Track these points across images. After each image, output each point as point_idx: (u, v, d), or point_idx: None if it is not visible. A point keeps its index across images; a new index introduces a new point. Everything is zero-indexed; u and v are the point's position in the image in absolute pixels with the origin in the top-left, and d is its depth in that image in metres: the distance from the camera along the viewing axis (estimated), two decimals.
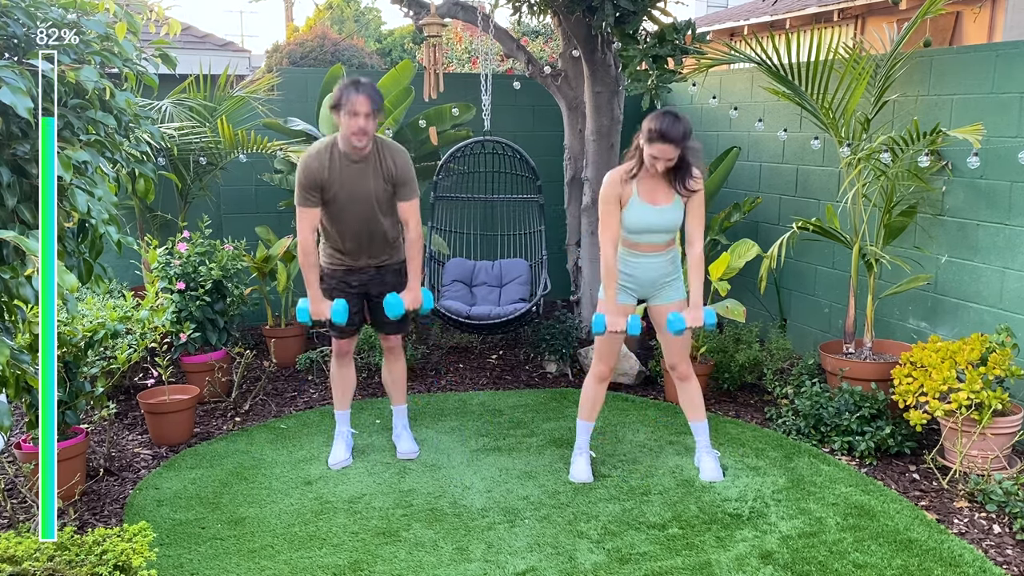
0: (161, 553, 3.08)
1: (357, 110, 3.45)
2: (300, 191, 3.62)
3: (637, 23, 4.69)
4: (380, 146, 3.65)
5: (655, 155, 3.41)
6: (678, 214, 3.59)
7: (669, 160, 3.44)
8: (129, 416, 4.51)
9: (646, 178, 3.54)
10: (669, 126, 3.36)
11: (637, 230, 3.57)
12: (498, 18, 6.87)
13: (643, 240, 3.60)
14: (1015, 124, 4.03)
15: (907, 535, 3.23)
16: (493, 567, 3.04)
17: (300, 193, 3.62)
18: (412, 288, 3.80)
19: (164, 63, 2.86)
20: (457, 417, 4.53)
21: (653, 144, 3.39)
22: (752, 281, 5.28)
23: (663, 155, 3.41)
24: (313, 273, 3.70)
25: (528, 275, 5.49)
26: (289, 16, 20.77)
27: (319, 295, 3.72)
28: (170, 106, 5.22)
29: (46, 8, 2.45)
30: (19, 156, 2.36)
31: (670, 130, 3.35)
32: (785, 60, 4.39)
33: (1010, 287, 4.11)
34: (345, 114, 3.47)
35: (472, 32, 10.68)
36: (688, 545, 3.18)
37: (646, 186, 3.54)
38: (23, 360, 2.38)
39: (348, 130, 3.50)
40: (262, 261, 5.26)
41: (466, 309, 5.05)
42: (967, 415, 3.62)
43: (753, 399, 4.81)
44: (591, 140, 5.42)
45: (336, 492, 3.63)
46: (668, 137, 3.36)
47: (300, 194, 3.62)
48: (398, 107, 5.62)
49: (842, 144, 4.41)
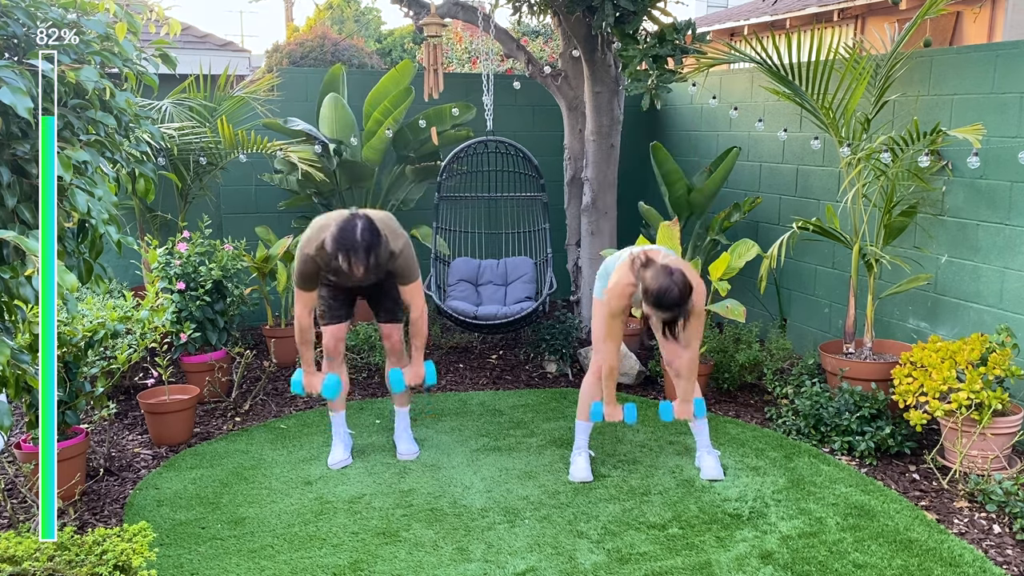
0: (161, 553, 3.08)
1: (352, 266, 3.37)
2: (298, 278, 3.63)
3: (637, 23, 4.69)
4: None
5: (648, 314, 3.42)
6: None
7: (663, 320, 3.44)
8: (129, 416, 4.51)
9: None
10: (664, 294, 3.28)
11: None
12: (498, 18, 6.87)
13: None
14: (1015, 124, 4.03)
15: (907, 535, 3.23)
16: (493, 567, 3.04)
17: (298, 279, 3.63)
18: (415, 364, 3.86)
19: (164, 63, 2.86)
20: (457, 417, 4.53)
21: (648, 305, 3.36)
22: (752, 281, 5.28)
23: (657, 317, 3.41)
24: (308, 349, 3.75)
25: (533, 273, 5.49)
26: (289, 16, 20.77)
27: (312, 369, 3.80)
28: (170, 106, 5.22)
29: (46, 8, 2.45)
30: (19, 156, 2.36)
31: (663, 300, 3.29)
32: (785, 60, 4.39)
33: (1010, 287, 4.11)
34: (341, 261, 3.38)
35: (472, 32, 10.68)
36: (688, 545, 3.18)
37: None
38: (23, 360, 2.37)
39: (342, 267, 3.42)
40: (262, 261, 5.26)
41: (473, 309, 5.05)
42: (967, 415, 3.62)
43: (753, 399, 4.81)
44: (591, 140, 5.42)
45: (336, 492, 3.64)
46: (661, 306, 3.32)
47: (298, 279, 3.63)
48: (398, 107, 5.62)
49: (842, 144, 4.40)
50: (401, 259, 3.62)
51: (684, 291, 3.29)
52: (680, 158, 6.32)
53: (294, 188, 5.75)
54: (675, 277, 3.27)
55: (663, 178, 5.55)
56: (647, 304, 3.35)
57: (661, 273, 3.30)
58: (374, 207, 5.92)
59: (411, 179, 6.06)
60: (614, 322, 3.55)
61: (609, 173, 5.49)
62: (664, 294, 3.26)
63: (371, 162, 5.74)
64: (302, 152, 5.27)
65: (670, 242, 4.70)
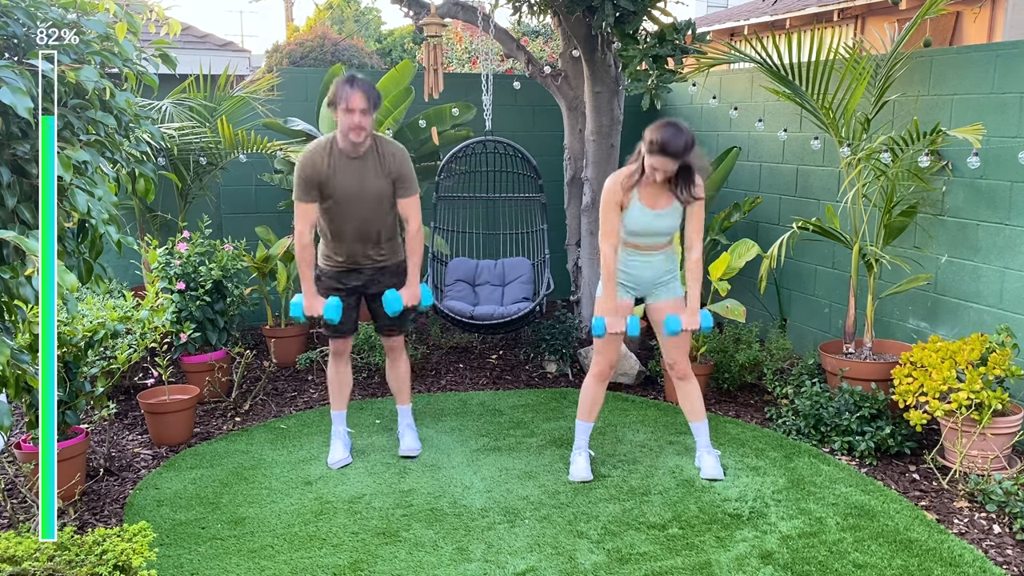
0: (161, 553, 3.08)
1: (352, 106, 3.46)
2: (299, 187, 3.64)
3: (637, 23, 4.69)
4: (378, 143, 3.66)
5: (654, 166, 3.41)
6: (677, 219, 3.62)
7: (668, 172, 3.44)
8: (129, 416, 4.51)
9: (647, 183, 3.54)
10: (670, 139, 3.32)
11: (636, 232, 3.59)
12: (498, 18, 6.87)
13: (642, 242, 3.62)
14: (1015, 124, 4.03)
15: (907, 535, 3.23)
16: (493, 567, 3.04)
17: (299, 189, 3.64)
18: (411, 284, 3.82)
19: (164, 63, 2.86)
20: (457, 417, 4.53)
21: (653, 155, 3.38)
22: (752, 281, 5.28)
23: (662, 167, 3.40)
24: (309, 269, 3.72)
25: (531, 274, 5.49)
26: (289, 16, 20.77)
27: (313, 291, 3.74)
28: (170, 106, 5.22)
29: (46, 8, 2.45)
30: (19, 156, 2.36)
31: (670, 143, 3.32)
32: (785, 60, 4.39)
33: (1010, 287, 4.11)
34: (341, 111, 3.49)
35: (472, 32, 10.68)
36: (688, 545, 3.18)
37: (647, 191, 3.55)
38: (23, 360, 2.37)
39: (345, 126, 3.52)
40: (262, 261, 5.27)
41: (469, 309, 5.05)
42: (967, 415, 3.62)
43: (753, 399, 4.81)
44: (591, 140, 5.42)
45: (336, 492, 3.63)
46: (668, 151, 3.34)
47: (299, 190, 3.64)
48: (398, 107, 5.62)
49: (842, 144, 4.41)
50: (405, 163, 3.70)
51: (690, 138, 3.34)
52: None
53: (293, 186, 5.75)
54: (680, 126, 3.33)
55: None
56: (654, 154, 3.34)
57: (663, 124, 3.35)
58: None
59: None
60: (609, 214, 3.54)
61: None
62: (671, 138, 3.30)
63: None
64: (302, 152, 5.26)
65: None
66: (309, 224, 3.67)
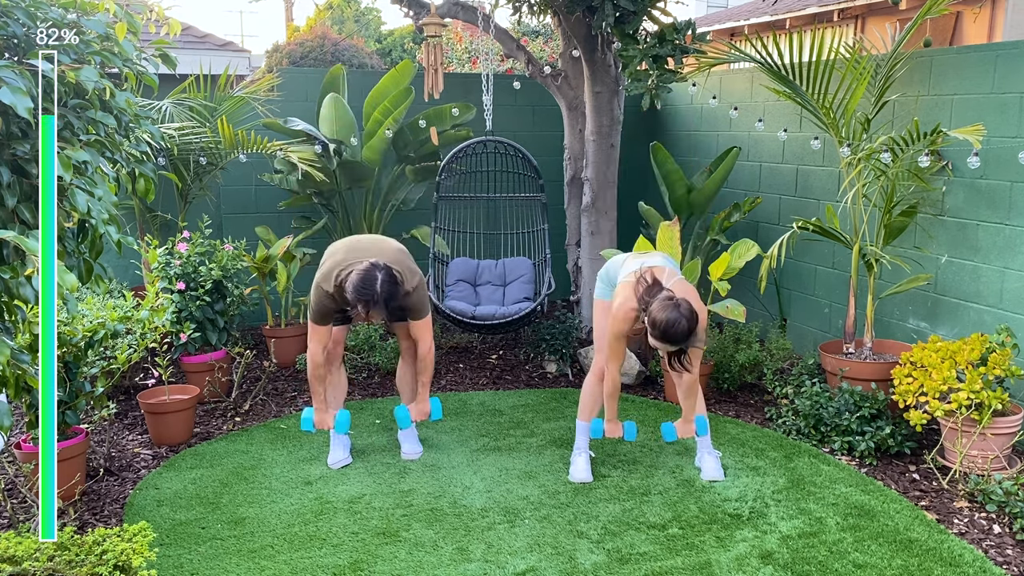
0: (161, 553, 3.08)
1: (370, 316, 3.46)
2: (315, 313, 3.66)
3: (637, 23, 4.69)
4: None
5: (654, 346, 3.39)
6: None
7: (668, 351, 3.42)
8: (129, 416, 4.51)
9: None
10: (671, 328, 3.23)
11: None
12: (498, 18, 6.87)
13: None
14: (1015, 124, 4.03)
15: (907, 535, 3.23)
16: (493, 567, 3.04)
17: (315, 314, 3.66)
18: (421, 401, 3.91)
19: (164, 63, 2.86)
20: (457, 417, 4.53)
21: (654, 336, 3.32)
22: (752, 281, 5.28)
23: (662, 349, 3.39)
24: (321, 385, 3.79)
25: (532, 274, 5.49)
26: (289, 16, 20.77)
27: (324, 406, 3.84)
28: (170, 106, 5.22)
29: (46, 8, 2.45)
30: (19, 156, 2.36)
31: (670, 334, 3.25)
32: (786, 60, 4.39)
33: (1010, 287, 4.11)
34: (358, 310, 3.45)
35: (472, 32, 10.68)
36: (688, 545, 3.18)
37: None
38: (23, 360, 2.37)
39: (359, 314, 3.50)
40: (262, 261, 5.26)
41: (471, 310, 5.05)
42: (967, 415, 3.62)
43: (753, 399, 4.81)
44: (591, 140, 5.42)
45: (336, 492, 3.63)
46: (669, 339, 3.28)
47: (315, 315, 3.66)
48: (398, 107, 5.62)
49: (842, 144, 4.40)
50: (415, 296, 3.66)
51: (692, 323, 3.23)
52: (680, 158, 6.32)
53: (294, 188, 5.75)
54: (682, 309, 3.22)
55: (663, 178, 5.55)
56: (654, 337, 3.30)
57: (668, 306, 3.23)
58: (374, 207, 5.93)
59: (411, 179, 6.06)
60: (618, 343, 3.55)
61: (609, 173, 5.49)
62: (671, 327, 3.22)
63: (371, 162, 5.74)
64: (302, 152, 5.27)
65: (670, 242, 4.70)
66: (323, 345, 3.72)
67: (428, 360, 3.82)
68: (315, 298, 3.63)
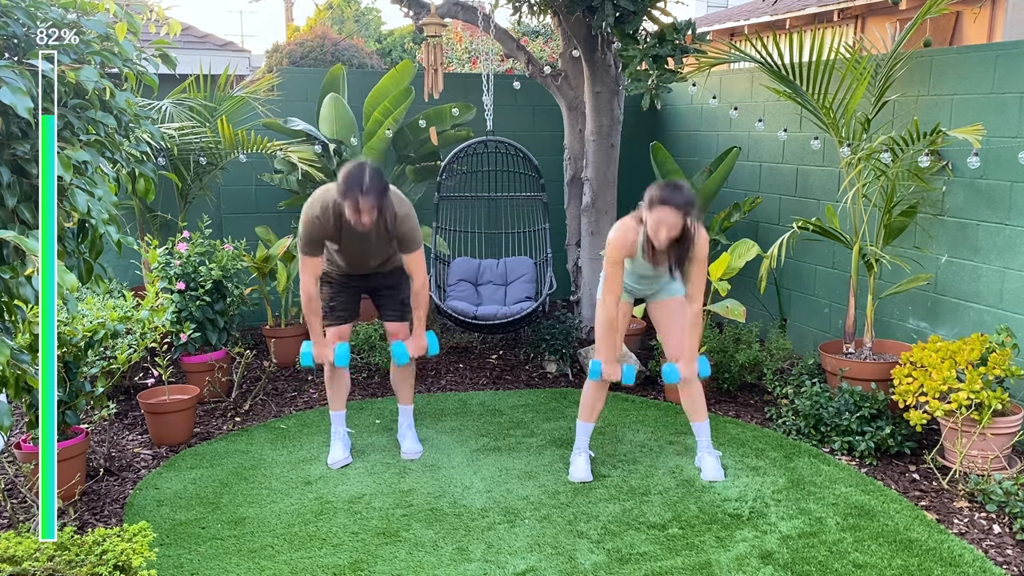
0: (161, 553, 3.08)
1: (361, 209, 3.43)
2: (304, 242, 3.64)
3: (637, 23, 4.69)
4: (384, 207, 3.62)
5: (659, 220, 3.34)
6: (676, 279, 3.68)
7: (672, 228, 3.36)
8: (129, 416, 4.51)
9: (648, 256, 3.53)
10: (671, 193, 3.30)
11: (641, 275, 3.67)
12: (498, 18, 6.87)
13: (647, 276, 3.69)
14: (1015, 124, 4.03)
15: (907, 535, 3.23)
16: (493, 567, 3.04)
17: (304, 244, 3.65)
18: (417, 336, 3.89)
19: (164, 63, 2.86)
20: (457, 417, 4.53)
21: (654, 209, 3.33)
22: (752, 281, 5.28)
23: (666, 220, 3.34)
24: (316, 318, 3.77)
25: (533, 273, 5.49)
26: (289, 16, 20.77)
27: (322, 339, 3.81)
28: (170, 106, 5.22)
29: (46, 8, 2.45)
30: (19, 156, 2.36)
31: (672, 197, 3.29)
32: (786, 60, 4.39)
33: (1010, 287, 4.11)
34: (348, 206, 3.44)
35: (472, 32, 10.68)
36: (688, 545, 3.18)
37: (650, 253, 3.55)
38: (23, 360, 2.37)
39: (351, 218, 3.49)
40: (262, 261, 5.26)
41: (472, 309, 5.06)
42: (967, 415, 3.62)
43: (753, 399, 4.81)
44: (591, 140, 5.42)
45: (336, 492, 3.63)
46: (671, 199, 3.30)
47: (304, 244, 3.65)
48: (398, 107, 5.62)
49: (842, 144, 4.40)
50: (408, 224, 3.66)
51: (691, 194, 3.35)
52: (680, 158, 6.32)
53: (294, 188, 5.76)
54: (682, 184, 3.35)
55: (663, 178, 5.55)
56: (655, 209, 3.32)
57: (666, 183, 3.37)
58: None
59: (411, 179, 6.06)
60: (614, 271, 3.54)
61: (609, 173, 5.49)
62: (673, 191, 3.31)
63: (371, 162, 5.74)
64: (302, 152, 5.27)
65: None
66: (314, 276, 3.71)
67: (423, 295, 3.80)
68: (304, 227, 3.62)
